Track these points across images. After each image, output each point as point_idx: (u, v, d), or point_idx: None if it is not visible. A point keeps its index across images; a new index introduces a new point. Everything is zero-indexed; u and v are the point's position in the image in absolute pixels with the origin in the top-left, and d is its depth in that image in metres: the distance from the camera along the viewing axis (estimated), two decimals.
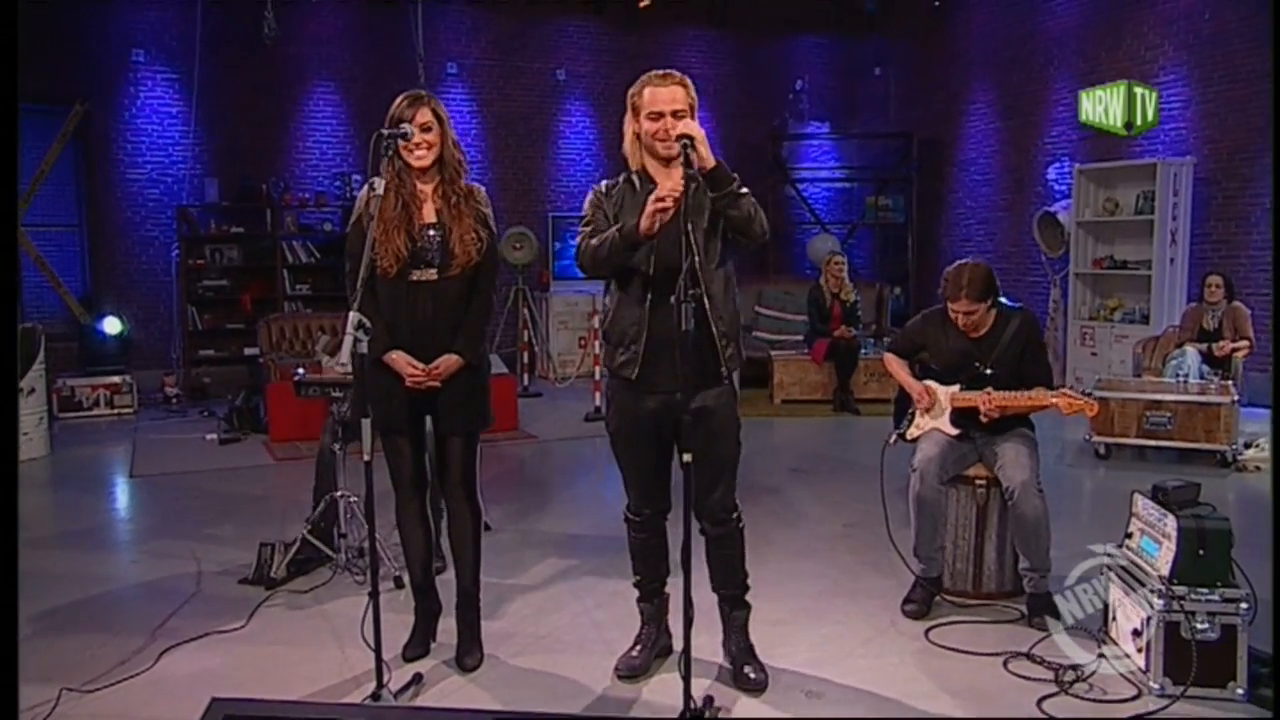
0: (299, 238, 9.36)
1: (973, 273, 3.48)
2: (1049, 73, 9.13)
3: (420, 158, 2.92)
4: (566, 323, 9.96)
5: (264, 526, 4.65)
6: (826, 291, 8.20)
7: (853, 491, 5.36)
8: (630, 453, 2.91)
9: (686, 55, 10.96)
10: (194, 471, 6.10)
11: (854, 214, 11.67)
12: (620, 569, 3.97)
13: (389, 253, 2.88)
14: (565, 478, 6.08)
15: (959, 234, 10.39)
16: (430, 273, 2.93)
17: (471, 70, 10.09)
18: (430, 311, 2.93)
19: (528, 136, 10.30)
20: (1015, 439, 3.54)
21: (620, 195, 2.84)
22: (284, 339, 7.91)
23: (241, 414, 7.27)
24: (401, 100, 2.94)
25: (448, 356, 2.95)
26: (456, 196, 2.95)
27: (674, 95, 2.73)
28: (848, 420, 7.70)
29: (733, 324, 2.82)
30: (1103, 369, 7.88)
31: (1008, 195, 9.74)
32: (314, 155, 9.59)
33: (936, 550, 3.60)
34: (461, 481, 3.05)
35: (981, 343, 3.58)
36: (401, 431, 3.01)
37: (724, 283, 2.79)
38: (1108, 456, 6.04)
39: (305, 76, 9.49)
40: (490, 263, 3.01)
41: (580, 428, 7.39)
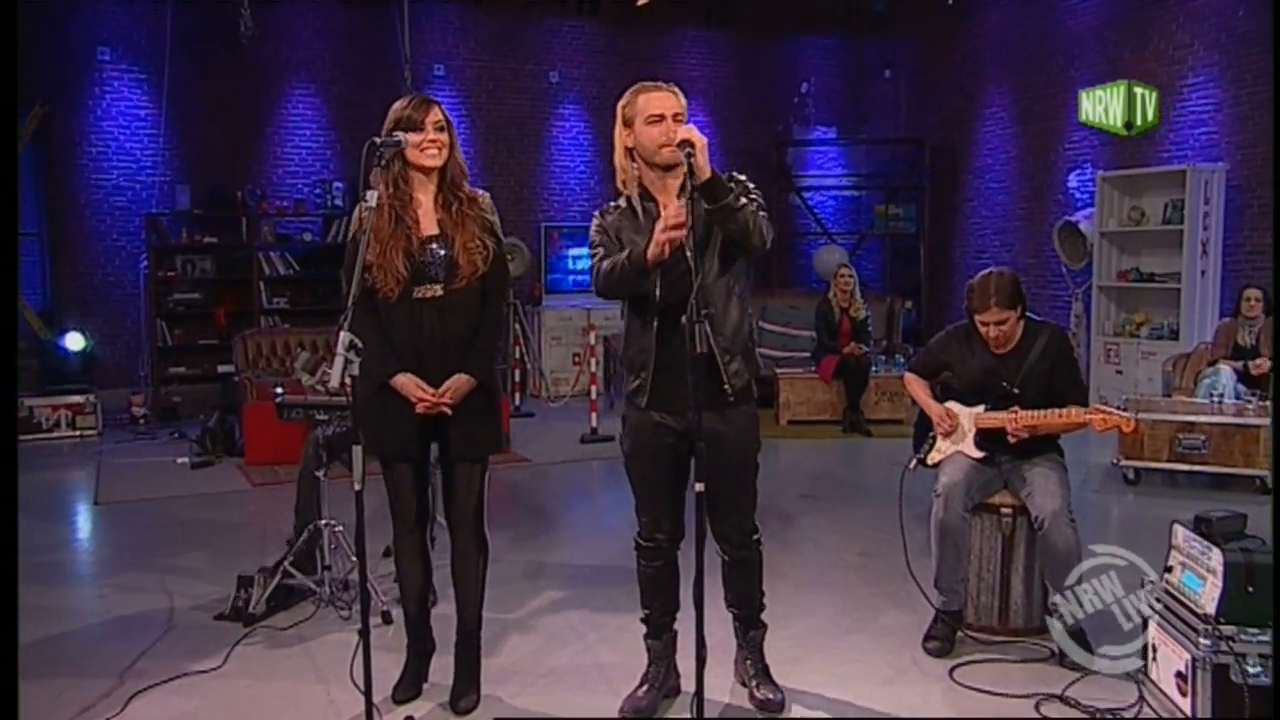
0: (277, 248, 9.35)
1: (1000, 280, 3.49)
2: (1070, 74, 9.16)
3: (433, 157, 2.91)
4: (560, 338, 9.95)
5: (241, 557, 4.61)
6: (835, 306, 8.20)
7: (867, 518, 5.34)
8: (643, 475, 2.95)
9: (685, 57, 11.02)
10: (164, 498, 6.05)
11: (863, 224, 11.70)
12: (625, 602, 3.94)
13: (388, 276, 2.87)
14: (562, 503, 6.05)
15: (974, 245, 10.42)
16: (435, 288, 2.92)
17: (460, 72, 10.12)
18: (438, 329, 2.92)
19: (519, 142, 10.32)
20: (1044, 464, 3.53)
21: (618, 220, 2.87)
22: (261, 356, 7.88)
23: (215, 436, 7.23)
24: (407, 103, 2.94)
25: (458, 377, 2.92)
26: (458, 204, 2.95)
27: (672, 100, 2.78)
28: (858, 442, 7.69)
29: (735, 337, 2.83)
30: (1129, 388, 7.88)
31: (1026, 204, 9.76)
32: (293, 161, 9.59)
33: (959, 582, 3.58)
34: (470, 513, 3.03)
35: (1008, 360, 3.58)
36: (404, 458, 2.99)
37: (725, 295, 2.80)
38: (1137, 482, 6.03)
39: (284, 78, 9.50)
40: (499, 273, 3.00)
41: (577, 450, 7.37)
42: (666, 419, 2.86)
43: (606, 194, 10.82)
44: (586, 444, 7.50)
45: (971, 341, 3.63)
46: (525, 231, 10.08)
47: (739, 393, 2.85)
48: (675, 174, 2.79)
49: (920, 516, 3.80)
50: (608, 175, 12.76)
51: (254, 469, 6.67)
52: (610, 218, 2.89)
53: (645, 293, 2.80)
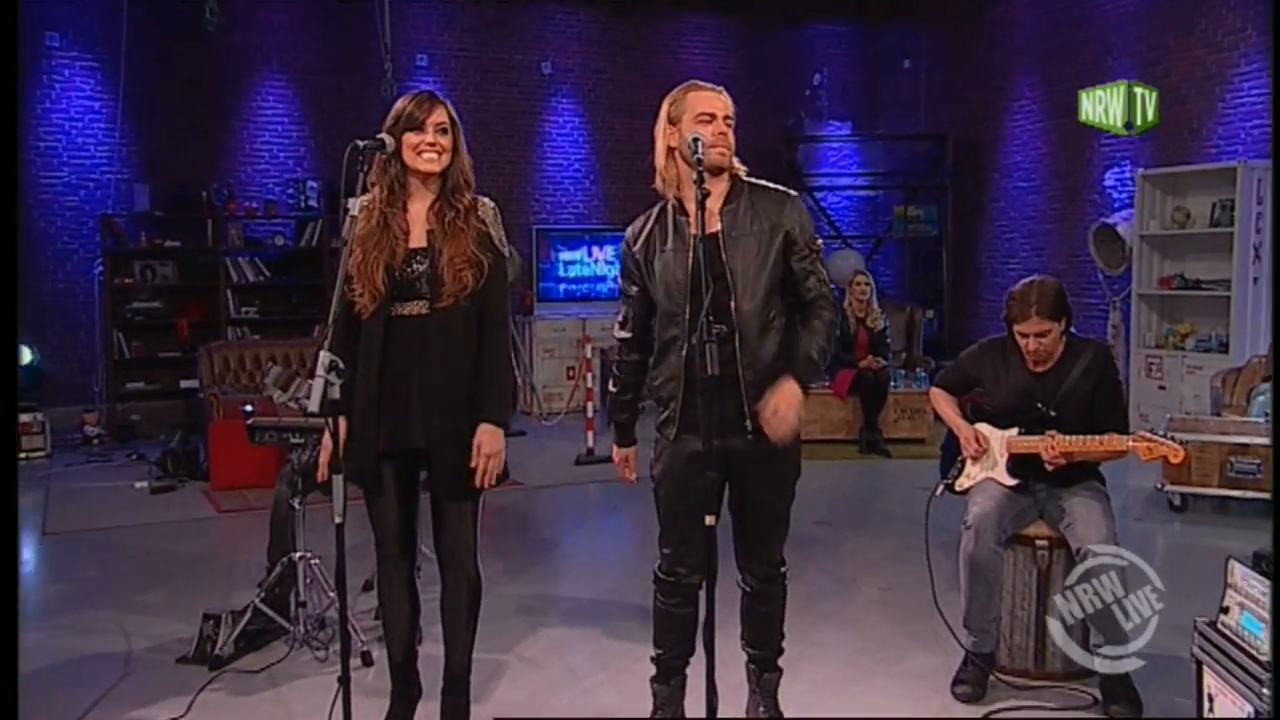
0: (245, 253, 9.34)
1: (1043, 288, 3.48)
2: (1107, 64, 9.15)
3: (430, 161, 2.90)
4: (553, 350, 9.96)
5: (206, 593, 4.58)
6: (850, 316, 8.21)
7: (888, 548, 5.34)
8: (672, 504, 3.00)
9: (688, 46, 11.06)
10: (120, 527, 6.02)
11: (880, 227, 11.72)
12: (629, 641, 3.94)
13: (365, 289, 2.87)
14: (557, 531, 6.03)
15: (1001, 249, 10.44)
16: (419, 305, 2.91)
17: (445, 63, 10.14)
18: (416, 350, 2.90)
19: (509, 138, 10.34)
20: (1084, 493, 3.52)
21: (652, 238, 2.93)
22: (228, 370, 7.87)
23: (177, 458, 7.21)
24: (410, 100, 2.93)
25: (485, 430, 2.89)
26: (454, 213, 2.93)
27: (726, 102, 2.87)
28: (876, 463, 7.69)
29: (768, 374, 2.86)
30: (1173, 405, 7.86)
31: (1058, 205, 9.78)
32: (263, 158, 9.60)
33: (991, 622, 3.57)
34: (462, 547, 3.01)
35: (1046, 379, 3.57)
36: (389, 490, 2.98)
37: (761, 326, 2.85)
38: (1184, 509, 6.02)
39: (253, 67, 9.51)
40: (495, 291, 2.97)
41: (571, 472, 7.35)
42: (694, 443, 2.88)
43: (603, 193, 10.95)
44: (582, 465, 7.49)
45: (1007, 357, 3.63)
46: (516, 234, 10.08)
47: (759, 432, 2.86)
48: (721, 178, 2.89)
49: (947, 546, 3.78)
50: (604, 173, 12.73)
51: (220, 494, 6.65)
52: (639, 241, 2.95)
53: (669, 314, 2.86)
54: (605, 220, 10.65)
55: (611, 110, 10.73)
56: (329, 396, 2.44)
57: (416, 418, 2.90)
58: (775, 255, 2.85)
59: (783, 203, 2.90)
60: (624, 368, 3.06)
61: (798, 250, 2.89)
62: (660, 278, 2.89)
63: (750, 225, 2.85)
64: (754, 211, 2.87)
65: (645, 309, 2.98)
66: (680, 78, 3.00)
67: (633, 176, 10.56)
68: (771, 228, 2.86)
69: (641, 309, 2.99)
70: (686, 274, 2.82)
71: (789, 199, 2.92)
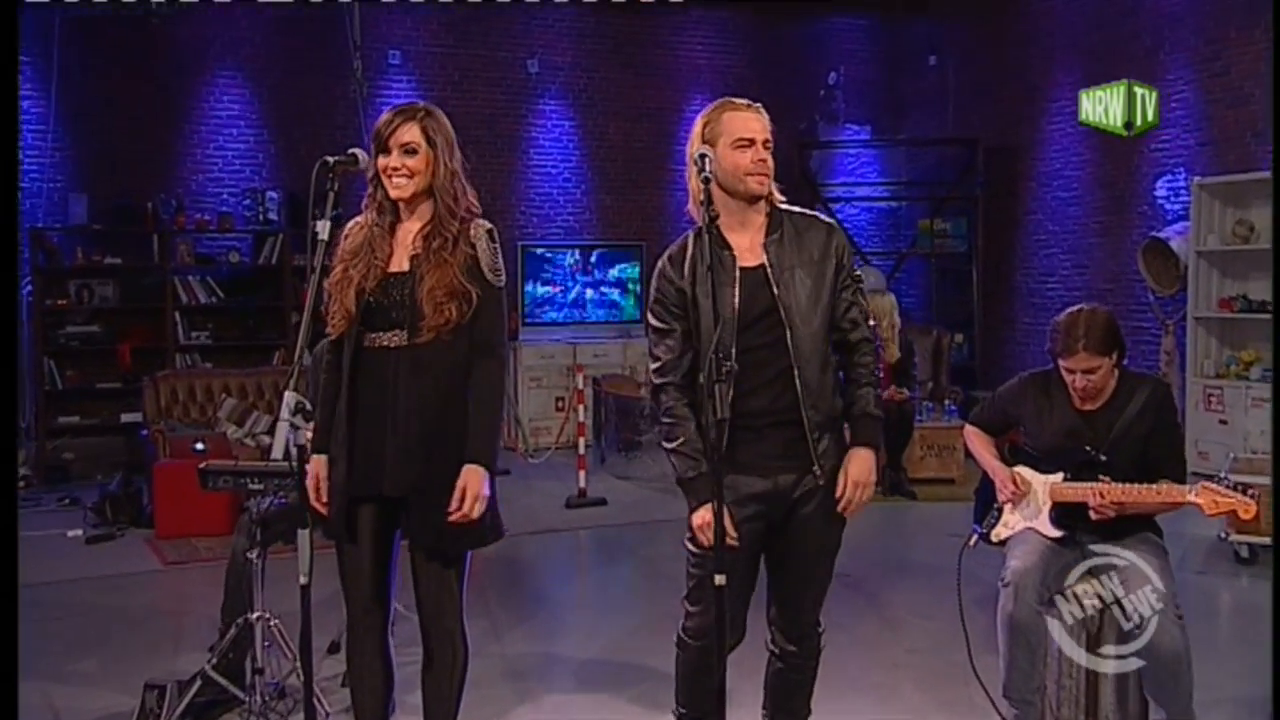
0: (196, 271, 9.34)
1: (1091, 319, 3.48)
2: (1158, 59, 9.17)
3: (397, 187, 2.93)
4: (540, 380, 9.97)
5: (149, 659, 4.55)
6: None
7: (915, 604, 5.32)
8: None
9: (689, 41, 11.11)
10: (50, 583, 5.94)
11: (903, 242, 11.76)
12: (632, 708, 3.92)
13: (338, 310, 2.90)
14: (547, 583, 6.02)
15: (1038, 266, 10.47)
16: (395, 336, 2.93)
17: (420, 60, 10.19)
18: (390, 387, 2.91)
19: (492, 144, 10.36)
20: (1139, 547, 3.51)
21: (692, 264, 2.97)
22: (176, 402, 7.84)
23: (117, 502, 7.18)
24: (385, 115, 2.96)
25: (469, 473, 2.88)
26: (441, 239, 2.94)
27: (764, 123, 2.96)
28: (901, 507, 7.68)
29: (831, 411, 3.02)
30: (1236, 443, 7.81)
31: (1103, 217, 9.80)
32: (216, 165, 9.62)
33: (1034, 691, 3.55)
34: (445, 608, 3.00)
35: (1095, 418, 3.57)
36: (361, 539, 2.97)
37: (822, 362, 2.96)
38: (1252, 560, 5.99)
39: (205, 64, 9.54)
40: (488, 322, 2.97)
41: (562, 517, 7.34)
42: (750, 483, 2.95)
43: (595, 206, 10.98)
44: (574, 509, 7.47)
45: (1052, 394, 3.63)
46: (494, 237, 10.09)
47: (828, 472, 2.98)
48: (758, 207, 2.97)
49: (984, 602, 3.77)
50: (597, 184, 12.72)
51: (166, 543, 6.61)
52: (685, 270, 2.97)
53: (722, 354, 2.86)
54: (598, 235, 10.68)
55: (605, 113, 10.79)
56: (295, 443, 2.43)
57: (390, 462, 2.90)
58: (829, 286, 2.97)
59: (829, 231, 3.03)
60: (677, 413, 2.99)
61: (842, 280, 3.01)
62: (708, 313, 2.89)
63: (799, 256, 2.95)
64: (800, 241, 2.97)
65: (689, 346, 2.99)
66: (681, 77, 3.05)
67: (628, 187, 10.61)
68: (821, 258, 2.97)
69: (686, 347, 2.99)
70: (734, 310, 2.90)
71: (833, 228, 3.05)
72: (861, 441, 2.98)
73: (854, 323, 3.03)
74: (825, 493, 2.98)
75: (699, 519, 2.90)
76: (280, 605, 3.94)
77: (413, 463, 2.89)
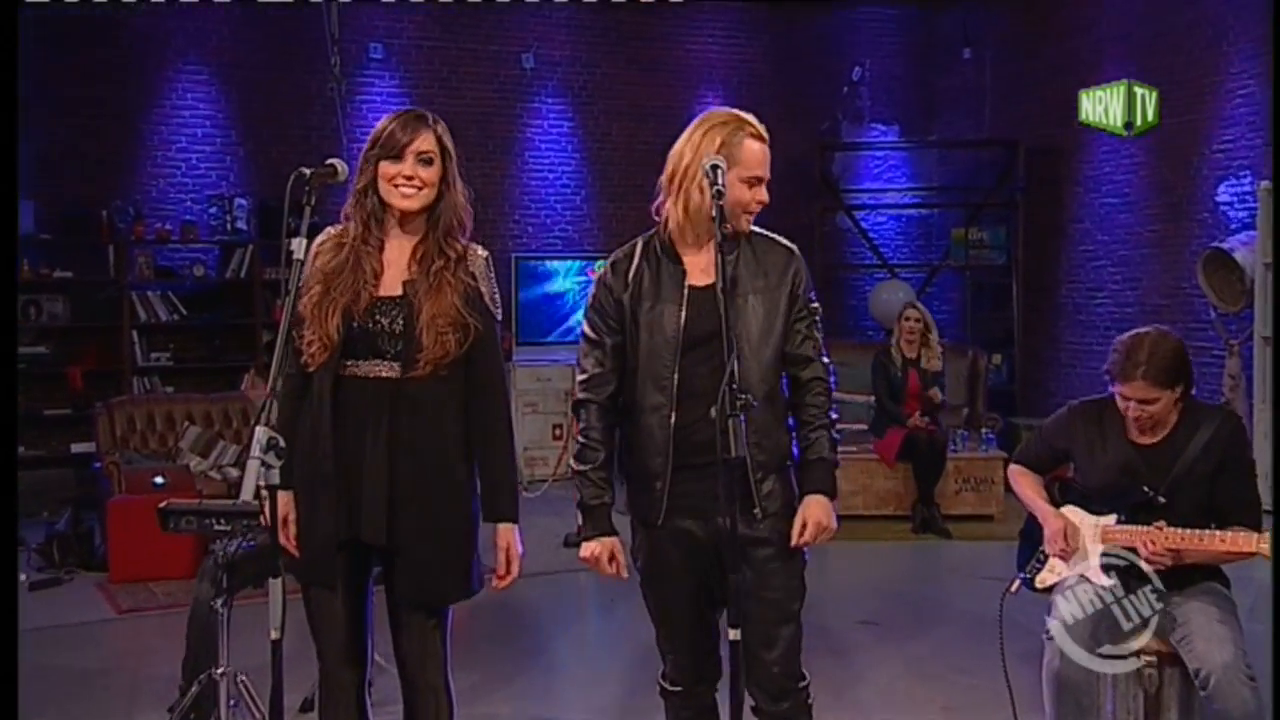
0: (156, 285, 9.35)
1: (1157, 345, 3.44)
2: (1221, 51, 9.12)
3: (408, 197, 2.92)
4: (535, 405, 9.98)
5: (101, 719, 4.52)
6: (897, 357, 8.19)
7: (951, 656, 5.29)
8: (664, 601, 3.12)
9: (700, 34, 11.14)
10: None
11: (934, 253, 11.77)
12: None
13: (317, 335, 2.86)
14: (541, 633, 5.99)
15: (1085, 280, 10.45)
16: (383, 367, 2.92)
17: (404, 55, 10.21)
18: (375, 421, 2.90)
19: (483, 146, 10.36)
20: (1204, 598, 3.48)
21: (641, 281, 3.03)
22: (134, 431, 7.82)
23: (66, 542, 7.14)
24: (393, 120, 2.94)
25: (506, 530, 2.99)
26: (441, 262, 2.94)
27: (769, 157, 3.01)
28: (934, 546, 7.66)
29: (776, 449, 3.03)
30: None
31: (1157, 225, 9.78)
32: (178, 170, 9.64)
33: None
34: (430, 661, 3.00)
35: (1154, 453, 3.54)
36: (336, 586, 2.96)
37: (768, 395, 2.98)
38: None
39: (166, 57, 9.55)
40: (487, 357, 3.01)
41: (559, 556, 7.28)
42: (693, 526, 2.99)
43: (596, 213, 10.99)
44: (573, 548, 7.39)
45: (1105, 424, 3.61)
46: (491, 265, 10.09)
47: (772, 516, 2.99)
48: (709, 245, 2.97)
49: (1028, 656, 3.75)
50: (598, 189, 12.66)
51: (121, 589, 6.57)
52: (628, 282, 3.02)
53: (657, 376, 2.95)
54: (599, 245, 10.66)
55: (607, 113, 10.83)
56: (266, 483, 2.43)
57: (374, 507, 2.89)
58: (782, 315, 3.00)
59: (789, 256, 3.06)
60: (594, 435, 3.06)
61: (797, 310, 3.04)
62: (646, 333, 2.98)
63: (752, 280, 2.99)
64: (757, 264, 3.01)
65: (621, 364, 3.05)
66: (690, 72, 3.07)
67: (631, 193, 10.60)
68: (777, 284, 3.01)
69: (617, 364, 3.05)
70: (679, 331, 2.94)
71: (793, 253, 3.08)
72: (817, 489, 3.00)
73: (807, 359, 3.05)
74: (774, 543, 2.99)
75: (587, 550, 3.03)
76: (247, 659, 3.91)
77: (405, 511, 2.89)
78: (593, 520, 3.04)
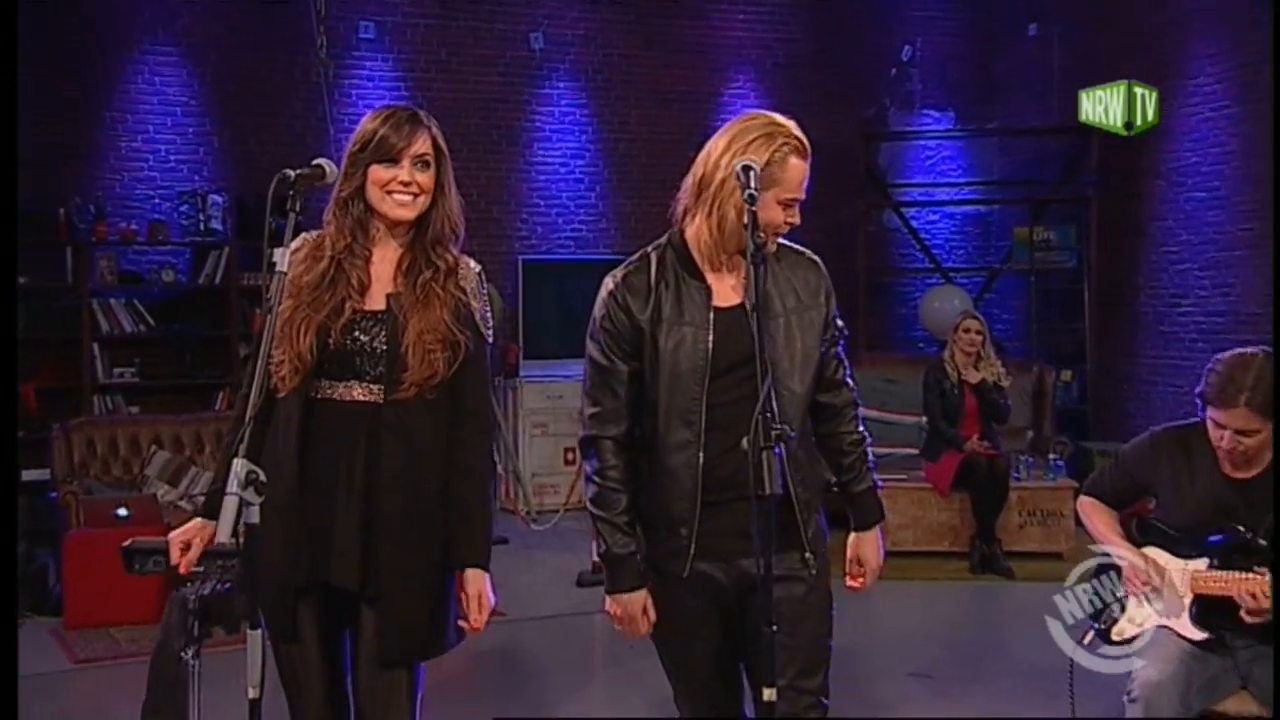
0: (120, 292, 9.39)
1: (1265, 370, 3.44)
2: None
3: (404, 205, 2.93)
4: (545, 426, 9.98)
5: None
6: (952, 373, 8.15)
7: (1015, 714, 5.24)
8: (681, 650, 3.14)
9: (729, 12, 11.14)
10: None
11: (994, 255, 11.77)
12: None
13: (287, 356, 2.86)
14: (551, 685, 5.97)
15: (1167, 286, 10.38)
16: (363, 389, 2.93)
17: (398, 34, 10.23)
18: (352, 449, 2.91)
19: (485, 136, 10.43)
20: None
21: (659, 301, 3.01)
22: (93, 457, 7.85)
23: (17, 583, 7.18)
24: (382, 120, 2.93)
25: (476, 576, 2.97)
26: (430, 273, 2.95)
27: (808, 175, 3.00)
28: (995, 587, 7.63)
29: (816, 484, 3.10)
30: None
31: (1253, 223, 9.68)
32: (145, 163, 9.68)
33: None
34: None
35: (1251, 489, 3.54)
36: (308, 638, 2.96)
37: (804, 429, 3.03)
38: None
39: (132, 37, 9.60)
40: (474, 382, 3.01)
41: (572, 598, 7.34)
42: (714, 570, 3.00)
43: (614, 211, 11.00)
44: (587, 588, 7.44)
45: (1193, 455, 3.59)
46: (494, 266, 10.11)
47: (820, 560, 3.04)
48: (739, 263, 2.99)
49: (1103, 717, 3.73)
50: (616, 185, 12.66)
51: (77, 636, 6.57)
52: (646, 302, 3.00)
53: (684, 412, 2.93)
54: (617, 248, 10.65)
55: (625, 98, 10.85)
56: (245, 520, 2.42)
57: (349, 547, 2.90)
58: (817, 337, 3.04)
59: (818, 272, 3.09)
60: (613, 476, 3.03)
61: (830, 333, 3.10)
62: (669, 361, 2.95)
63: (783, 299, 3.01)
64: (787, 280, 3.03)
65: (637, 395, 3.02)
66: (719, 53, 3.06)
67: (653, 189, 10.56)
68: (810, 303, 3.04)
69: (632, 395, 3.02)
70: (707, 359, 2.92)
71: (821, 268, 3.10)
72: (870, 523, 3.14)
73: (841, 383, 3.14)
74: (814, 588, 3.03)
75: (617, 607, 3.00)
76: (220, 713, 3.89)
77: (386, 550, 2.89)
78: (621, 572, 3.00)
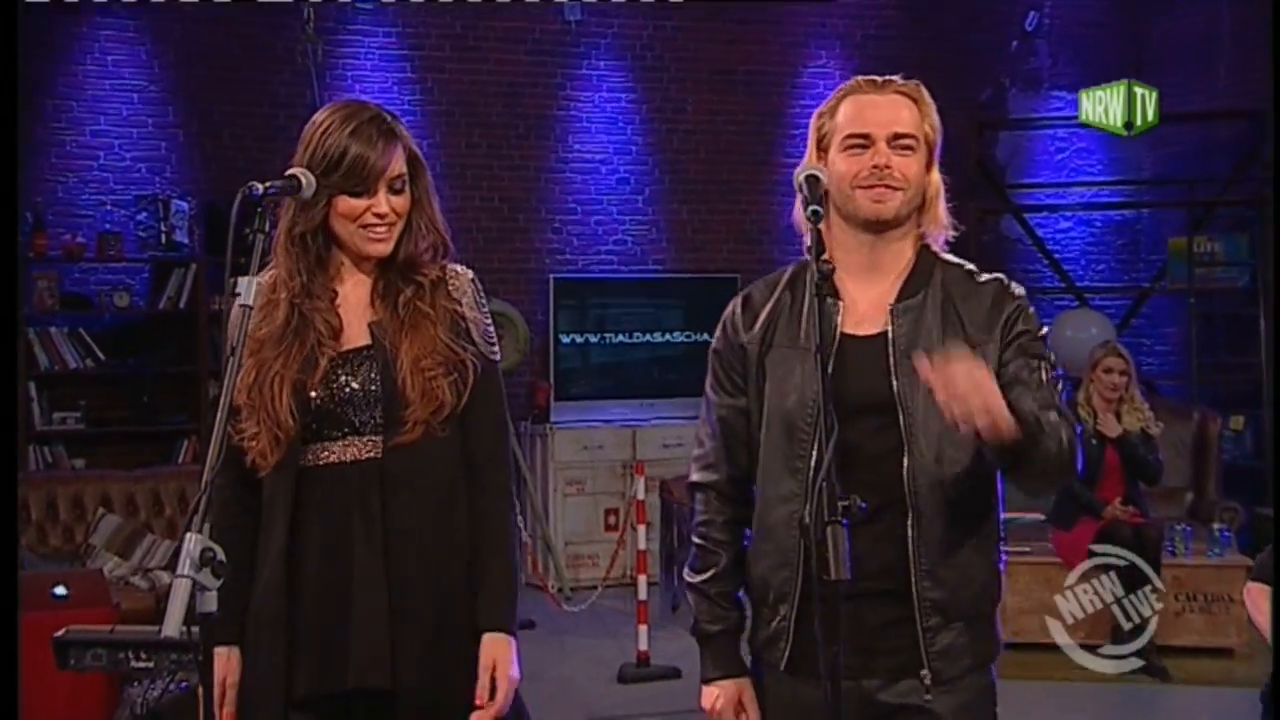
0: (63, 319, 9.48)
1: None
2: None
3: (380, 240, 2.93)
4: (582, 484, 10.02)
5: None
6: (1089, 420, 8.08)
7: None
8: None
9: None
10: None
11: (1143, 272, 11.75)
12: None
13: (262, 427, 2.88)
14: None
15: None
16: (362, 444, 2.94)
17: (402, 6, 10.28)
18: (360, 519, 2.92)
19: (509, 130, 10.49)
20: None
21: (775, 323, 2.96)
22: (27, 522, 7.90)
23: None
24: (351, 129, 2.91)
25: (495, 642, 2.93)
26: (412, 289, 2.97)
27: (895, 110, 2.91)
28: (1146, 691, 7.48)
29: (965, 589, 2.87)
30: None
31: None
32: (96, 161, 9.78)
33: None
34: None
35: None
36: None
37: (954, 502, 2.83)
38: None
39: (81, 14, 9.70)
40: (487, 412, 3.02)
41: (613, 695, 7.39)
42: (799, 692, 2.89)
43: (666, 220, 11.05)
44: (630, 684, 7.46)
45: None
46: (519, 286, 10.20)
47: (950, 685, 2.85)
48: (897, 246, 2.92)
49: None
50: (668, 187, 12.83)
51: None
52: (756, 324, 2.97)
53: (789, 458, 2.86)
54: (671, 264, 10.74)
55: (679, 82, 10.90)
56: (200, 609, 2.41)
57: (364, 638, 2.90)
58: None
59: (999, 299, 2.93)
60: (713, 535, 3.02)
61: (1021, 373, 2.84)
62: (777, 394, 2.91)
63: (943, 333, 2.84)
64: (951, 310, 2.89)
65: (746, 435, 3.00)
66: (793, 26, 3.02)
67: (715, 193, 10.62)
68: (979, 342, 2.84)
69: (740, 435, 3.00)
70: (820, 394, 2.74)
71: (1009, 294, 2.94)
72: None
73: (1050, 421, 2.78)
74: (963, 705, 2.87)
75: (709, 698, 2.99)
76: None
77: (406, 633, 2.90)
78: (713, 653, 3.00)
